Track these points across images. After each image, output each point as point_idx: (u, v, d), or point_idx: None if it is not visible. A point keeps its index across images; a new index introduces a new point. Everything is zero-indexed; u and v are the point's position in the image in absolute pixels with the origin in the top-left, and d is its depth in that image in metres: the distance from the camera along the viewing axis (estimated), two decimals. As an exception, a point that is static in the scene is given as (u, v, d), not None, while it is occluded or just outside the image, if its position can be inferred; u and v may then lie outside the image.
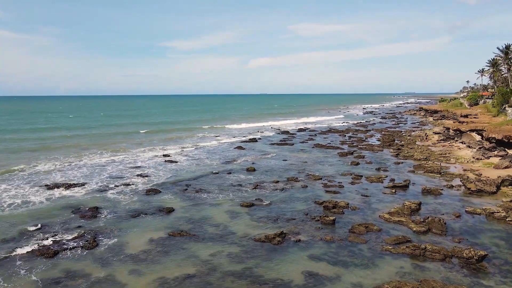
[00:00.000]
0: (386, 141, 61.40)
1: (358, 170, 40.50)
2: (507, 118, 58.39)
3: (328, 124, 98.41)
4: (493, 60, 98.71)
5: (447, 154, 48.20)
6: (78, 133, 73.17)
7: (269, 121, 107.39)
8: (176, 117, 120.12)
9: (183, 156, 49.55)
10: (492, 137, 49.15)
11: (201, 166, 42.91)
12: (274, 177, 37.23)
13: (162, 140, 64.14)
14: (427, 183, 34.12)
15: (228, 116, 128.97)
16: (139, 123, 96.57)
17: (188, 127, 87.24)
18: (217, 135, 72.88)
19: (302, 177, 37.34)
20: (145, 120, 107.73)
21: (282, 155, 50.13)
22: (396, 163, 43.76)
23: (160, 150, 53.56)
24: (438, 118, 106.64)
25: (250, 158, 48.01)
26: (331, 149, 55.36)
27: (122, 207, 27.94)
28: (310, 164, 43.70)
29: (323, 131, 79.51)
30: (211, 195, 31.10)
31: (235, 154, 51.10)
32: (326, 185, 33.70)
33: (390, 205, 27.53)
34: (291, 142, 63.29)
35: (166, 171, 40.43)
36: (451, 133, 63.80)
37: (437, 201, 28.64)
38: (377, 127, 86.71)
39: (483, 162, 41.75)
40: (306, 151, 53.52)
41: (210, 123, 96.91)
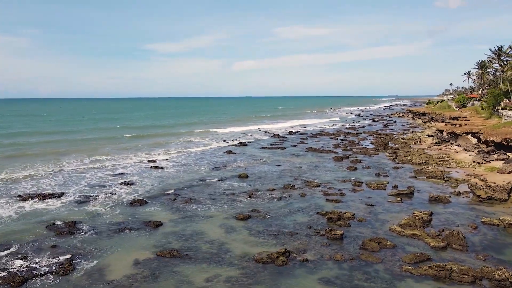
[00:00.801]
0: (380, 144, 59.70)
1: (356, 175, 38.36)
2: (502, 120, 57.32)
3: (317, 127, 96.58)
4: (482, 62, 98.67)
5: (446, 158, 46.57)
6: (57, 138, 69.12)
7: (258, 124, 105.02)
8: (162, 121, 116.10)
9: (170, 161, 46.62)
10: (490, 140, 47.80)
11: (189, 173, 40.11)
12: (269, 185, 34.73)
13: (147, 145, 60.94)
14: (432, 189, 32.15)
15: (215, 119, 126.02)
16: (123, 127, 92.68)
17: (174, 131, 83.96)
18: (205, 139, 70.06)
19: (299, 184, 34.95)
20: (130, 124, 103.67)
21: (274, 160, 47.70)
22: (395, 168, 41.81)
23: (145, 156, 50.48)
24: (427, 120, 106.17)
25: (241, 164, 45.43)
26: (325, 153, 53.21)
27: (103, 221, 24.99)
28: (306, 170, 41.38)
29: (314, 134, 77.52)
30: (202, 205, 28.39)
31: (225, 159, 48.45)
32: (326, 193, 31.36)
33: (398, 216, 25.33)
34: (283, 145, 60.96)
35: (152, 178, 37.50)
36: (445, 135, 62.52)
37: (447, 210, 26.60)
38: (368, 130, 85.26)
39: (485, 167, 40.14)
40: (299, 156, 51.23)
41: (197, 127, 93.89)
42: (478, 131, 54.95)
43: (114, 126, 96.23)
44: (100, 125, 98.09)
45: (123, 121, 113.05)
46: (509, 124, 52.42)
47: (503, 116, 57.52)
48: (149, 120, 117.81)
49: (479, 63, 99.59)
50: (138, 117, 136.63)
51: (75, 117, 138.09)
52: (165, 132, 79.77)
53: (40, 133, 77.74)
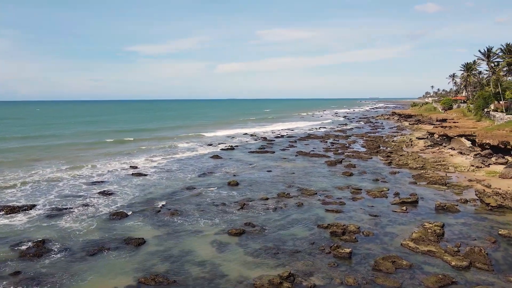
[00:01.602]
0: (372, 148, 57.91)
1: (353, 181, 36.16)
2: (495, 122, 56.28)
3: (305, 129, 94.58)
4: (467, 64, 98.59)
5: (442, 161, 44.93)
6: (32, 144, 64.69)
7: (244, 127, 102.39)
8: (145, 124, 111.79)
9: (153, 168, 43.52)
10: (486, 143, 46.43)
11: (174, 180, 37.17)
12: (261, 193, 32.14)
13: (129, 150, 57.50)
14: (436, 197, 30.14)
15: (200, 122, 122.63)
16: (104, 131, 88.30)
17: (158, 135, 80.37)
18: (190, 143, 66.95)
19: (294, 192, 32.47)
20: (111, 128, 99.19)
21: (265, 165, 45.15)
22: (392, 173, 39.81)
23: (127, 162, 47.18)
24: (414, 122, 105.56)
25: (230, 169, 42.71)
26: (316, 157, 50.97)
27: (77, 239, 21.91)
28: (299, 176, 38.97)
29: (302, 137, 75.37)
30: (190, 218, 25.57)
31: (212, 165, 45.63)
32: (324, 202, 28.96)
33: (407, 228, 23.11)
34: (271, 149, 58.50)
35: (133, 187, 34.42)
36: (436, 138, 61.21)
37: (458, 220, 24.53)
38: (356, 132, 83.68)
39: (485, 171, 38.54)
40: (290, 160, 48.82)
41: (182, 130, 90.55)
42: (472, 133, 53.70)
43: (95, 130, 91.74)
44: (80, 129, 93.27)
45: (104, 125, 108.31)
46: (503, 127, 51.30)
47: (496, 119, 56.51)
48: (132, 124, 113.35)
49: (465, 65, 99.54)
50: (120, 120, 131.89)
51: (54, 120, 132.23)
52: (149, 137, 76.18)
53: (15, 138, 72.95)
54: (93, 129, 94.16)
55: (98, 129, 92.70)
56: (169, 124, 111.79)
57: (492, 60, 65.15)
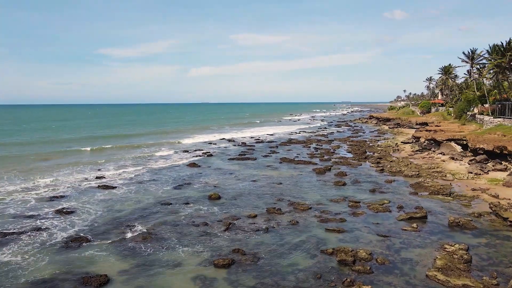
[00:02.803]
0: (358, 153, 54.94)
1: (348, 192, 32.65)
2: (484, 126, 54.54)
3: (285, 134, 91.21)
4: (445, 68, 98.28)
5: (436, 168, 42.25)
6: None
7: (221, 132, 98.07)
8: (114, 130, 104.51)
9: (123, 179, 38.59)
10: (479, 148, 44.22)
11: (146, 194, 32.51)
12: (248, 209, 28.04)
13: (95, 159, 52.02)
14: (444, 210, 26.98)
15: (174, 127, 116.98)
16: (67, 138, 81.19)
17: (128, 141, 74.40)
18: (164, 150, 61.96)
19: (285, 206, 28.55)
20: (76, 134, 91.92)
21: (248, 174, 41.08)
22: (387, 181, 36.62)
23: (92, 172, 41.98)
24: (393, 126, 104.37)
25: (209, 180, 38.39)
26: (302, 164, 47.36)
27: (20, 280, 17.09)
28: (287, 186, 35.13)
29: (283, 142, 71.81)
30: (165, 245, 21.14)
31: (189, 174, 41.14)
32: (322, 219, 25.17)
33: (426, 252, 19.59)
34: (252, 156, 54.50)
35: (98, 203, 29.55)
36: (422, 142, 59.02)
37: (479, 240, 21.26)
38: (338, 137, 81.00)
39: (486, 178, 35.94)
40: (275, 168, 44.96)
41: (155, 136, 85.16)
42: (461, 137, 51.70)
43: (57, 136, 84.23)
44: (40, 136, 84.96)
45: (68, 131, 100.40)
46: (494, 130, 49.48)
47: (484, 122, 54.78)
48: (100, 130, 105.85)
49: (442, 69, 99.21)
50: (87, 126, 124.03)
51: (9, 126, 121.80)
52: (118, 144, 70.32)
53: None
54: (55, 135, 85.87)
55: (61, 136, 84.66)
56: (141, 129, 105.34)
57: (476, 62, 63.92)
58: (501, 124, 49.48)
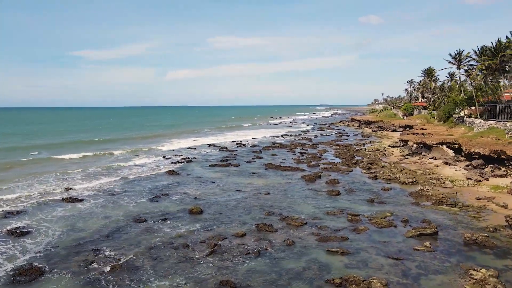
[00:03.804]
0: (346, 158, 52.25)
1: (344, 203, 29.60)
2: (474, 129, 52.82)
3: (267, 138, 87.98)
4: (428, 70, 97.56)
5: (432, 174, 39.86)
6: None
7: (200, 136, 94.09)
8: (87, 135, 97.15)
9: (91, 190, 34.35)
10: (474, 153, 42.18)
11: (117, 209, 28.51)
12: (235, 225, 24.54)
13: (61, 167, 47.29)
14: (453, 223, 24.22)
15: (151, 131, 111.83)
16: (34, 145, 74.93)
17: (100, 147, 69.25)
18: (140, 156, 57.61)
19: (276, 221, 25.19)
20: (44, 140, 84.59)
21: (231, 183, 37.56)
22: (384, 189, 33.83)
23: (57, 182, 37.51)
24: (376, 129, 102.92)
25: (189, 190, 34.66)
26: (289, 171, 44.16)
27: None
28: (276, 197, 31.79)
29: (266, 146, 68.50)
30: (137, 276, 17.38)
31: (167, 184, 37.27)
32: (321, 238, 21.92)
33: (450, 280, 16.58)
34: (235, 161, 50.97)
35: (59, 220, 25.42)
36: (411, 146, 56.92)
37: (506, 262, 18.43)
38: (323, 140, 78.40)
39: (487, 185, 33.63)
40: (260, 175, 41.59)
41: (129, 142, 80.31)
42: (453, 141, 49.76)
43: (23, 142, 77.76)
44: (5, 141, 78.68)
45: (37, 136, 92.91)
46: (486, 134, 47.68)
47: (475, 125, 53.08)
48: (72, 134, 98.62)
49: (425, 71, 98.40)
50: (57, 130, 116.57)
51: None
52: (90, 150, 65.29)
53: None
54: (21, 141, 77.87)
55: (27, 142, 76.91)
56: (115, 134, 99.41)
57: (463, 63, 62.56)
58: (493, 127, 47.74)
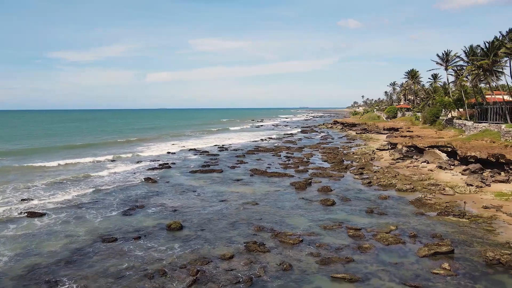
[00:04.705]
0: (335, 162, 49.58)
1: (341, 214, 26.67)
2: (466, 132, 51.08)
3: (250, 141, 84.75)
4: (412, 72, 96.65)
5: (428, 179, 37.52)
6: None
7: (181, 139, 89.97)
8: (56, 139, 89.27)
9: (55, 203, 30.27)
10: (471, 156, 40.11)
11: (82, 224, 24.68)
12: (220, 244, 21.17)
13: (25, 175, 42.70)
14: (467, 238, 21.54)
15: (127, 134, 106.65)
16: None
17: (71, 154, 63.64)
18: (113, 162, 53.38)
19: (268, 238, 21.96)
20: (10, 146, 79.82)
21: (214, 192, 34.15)
22: (381, 197, 31.11)
23: (14, 194, 33.19)
24: (361, 131, 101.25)
25: (167, 201, 31.06)
26: (276, 177, 41.05)
27: None
28: (265, 208, 28.57)
29: (250, 150, 65.25)
30: (100, 319, 13.79)
31: (142, 194, 33.53)
32: (322, 260, 18.79)
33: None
34: (218, 167, 47.53)
35: (9, 242, 21.47)
36: (401, 149, 54.81)
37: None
38: (307, 143, 75.75)
39: (490, 192, 31.35)
40: (246, 182, 38.33)
41: (104, 147, 75.51)
42: (445, 144, 47.78)
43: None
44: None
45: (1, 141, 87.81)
46: (480, 136, 45.89)
47: (466, 128, 51.37)
48: (43, 139, 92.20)
49: (409, 73, 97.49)
50: (28, 134, 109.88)
51: None
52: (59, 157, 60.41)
53: None
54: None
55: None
56: (90, 138, 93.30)
57: (451, 64, 61.10)
58: (486, 129, 46.01)
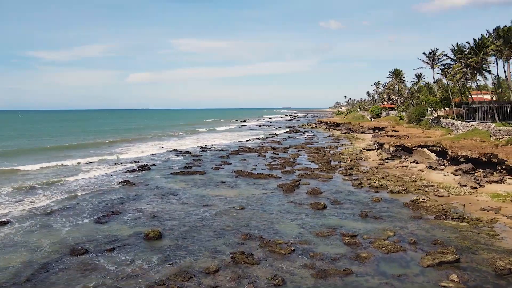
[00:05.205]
0: (322, 163, 48.03)
1: (333, 219, 24.93)
2: (454, 131, 50.29)
3: (234, 141, 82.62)
4: (396, 71, 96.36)
5: (419, 180, 36.26)
6: None
7: (161, 140, 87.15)
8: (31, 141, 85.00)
9: (21, 210, 27.53)
10: (461, 156, 39.12)
11: (49, 235, 22.18)
12: (204, 255, 19.07)
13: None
14: (470, 244, 20.06)
15: (107, 135, 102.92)
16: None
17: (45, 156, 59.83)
18: (89, 164, 50.39)
19: (257, 248, 19.98)
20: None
21: (197, 195, 31.98)
22: (374, 200, 29.54)
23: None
24: (345, 131, 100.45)
25: (146, 206, 28.72)
26: (262, 179, 39.13)
27: None
28: (252, 213, 26.58)
29: (234, 150, 63.15)
30: None
31: (119, 198, 31.06)
32: (317, 272, 16.91)
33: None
34: (201, 168, 45.30)
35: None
36: (388, 149, 53.76)
37: (560, 301, 14.30)
38: (292, 143, 74.13)
39: (485, 193, 30.18)
40: (230, 185, 36.26)
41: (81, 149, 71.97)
42: (434, 144, 46.83)
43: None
44: None
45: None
46: (470, 136, 45.10)
47: (454, 127, 50.58)
48: (14, 140, 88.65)
49: (393, 72, 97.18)
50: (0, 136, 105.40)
51: None
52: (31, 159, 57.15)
53: None
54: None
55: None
56: (68, 139, 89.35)
57: (437, 63, 60.48)
58: (475, 128, 45.22)
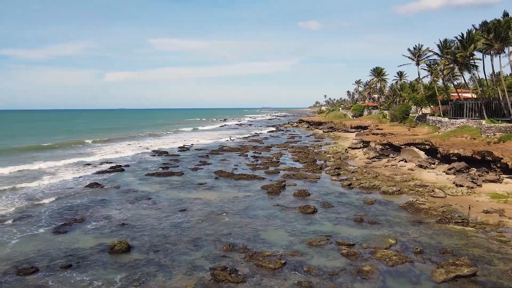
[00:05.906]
0: (307, 162, 45.62)
1: (325, 225, 22.36)
2: (442, 128, 48.79)
3: (214, 140, 79.42)
4: (377, 69, 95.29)
5: (411, 179, 34.25)
6: None
7: (137, 140, 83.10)
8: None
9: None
10: (453, 154, 37.38)
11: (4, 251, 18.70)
12: (179, 272, 16.12)
13: None
14: (482, 252, 17.85)
15: (80, 135, 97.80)
16: None
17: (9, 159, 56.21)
18: (57, 165, 46.21)
19: (241, 262, 17.15)
20: None
21: (173, 199, 28.88)
22: (367, 202, 27.19)
23: None
24: (328, 130, 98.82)
25: (114, 212, 25.44)
26: (245, 179, 36.30)
27: None
28: (235, 218, 23.73)
29: (214, 150, 60.04)
30: None
31: (84, 203, 27.63)
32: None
33: None
34: (178, 169, 42.11)
35: None
36: (374, 147, 51.86)
37: None
38: (274, 142, 71.59)
39: (484, 193, 28.29)
40: (210, 187, 33.27)
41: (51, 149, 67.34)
42: (423, 142, 45.11)
43: None
44: None
45: None
46: (459, 133, 43.53)
47: (442, 124, 49.08)
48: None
49: (374, 70, 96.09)
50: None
51: None
52: None
53: None
54: None
55: None
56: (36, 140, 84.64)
57: (422, 59, 59.14)
58: (465, 125, 43.74)
